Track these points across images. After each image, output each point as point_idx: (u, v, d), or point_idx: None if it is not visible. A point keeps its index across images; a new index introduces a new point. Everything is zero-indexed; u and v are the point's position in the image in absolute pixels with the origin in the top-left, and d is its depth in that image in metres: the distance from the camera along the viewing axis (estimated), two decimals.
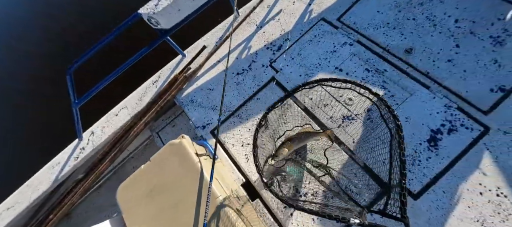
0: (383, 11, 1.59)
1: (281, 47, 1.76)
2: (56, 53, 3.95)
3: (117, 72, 1.69)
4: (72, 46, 3.93)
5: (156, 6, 1.43)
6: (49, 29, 4.29)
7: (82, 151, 1.93)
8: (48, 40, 4.18)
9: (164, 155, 1.19)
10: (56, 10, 4.46)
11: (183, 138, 1.21)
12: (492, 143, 1.14)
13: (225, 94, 1.74)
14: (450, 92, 1.28)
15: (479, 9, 1.39)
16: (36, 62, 4.07)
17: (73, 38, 4.01)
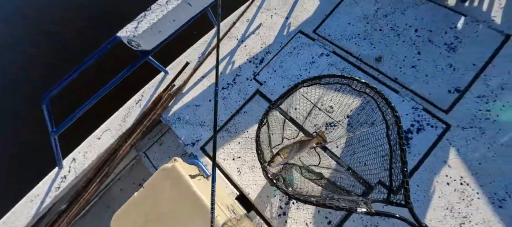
0: (353, 23, 1.73)
1: (263, 60, 1.83)
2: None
3: (97, 96, 1.64)
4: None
5: (136, 29, 1.43)
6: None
7: (63, 180, 1.84)
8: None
9: (157, 180, 1.20)
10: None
11: (175, 161, 1.22)
12: (453, 138, 1.31)
13: (212, 109, 1.78)
14: (416, 95, 1.44)
15: (434, 19, 1.59)
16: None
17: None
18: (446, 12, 1.59)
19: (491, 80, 1.37)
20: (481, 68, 1.40)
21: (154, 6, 1.45)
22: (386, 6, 1.72)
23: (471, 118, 1.33)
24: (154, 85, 2.01)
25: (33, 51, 3.67)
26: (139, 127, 1.90)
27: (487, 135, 1.28)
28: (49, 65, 3.48)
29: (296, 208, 1.39)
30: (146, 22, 1.43)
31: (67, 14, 3.77)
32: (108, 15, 3.60)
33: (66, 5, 3.87)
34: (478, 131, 1.30)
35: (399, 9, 1.68)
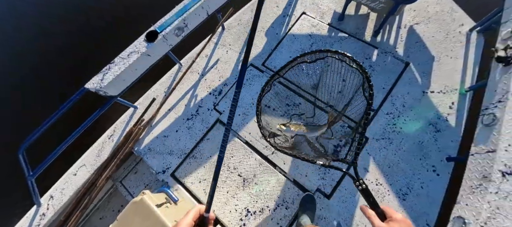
0: (293, 56, 2.05)
1: (222, 91, 2.10)
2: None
3: (71, 138, 1.82)
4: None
5: (102, 81, 1.65)
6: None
7: (42, 218, 1.97)
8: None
9: (129, 213, 1.41)
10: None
11: (144, 194, 1.44)
12: (370, 148, 1.65)
13: (179, 139, 2.01)
14: (343, 116, 1.78)
15: (354, 52, 1.95)
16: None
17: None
18: (363, 45, 1.96)
19: (396, 100, 1.74)
20: (389, 90, 1.77)
21: (117, 60, 1.68)
22: (318, 41, 2.07)
23: (383, 131, 1.68)
24: (125, 120, 2.21)
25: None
26: (113, 160, 2.09)
27: (394, 144, 1.63)
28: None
29: (254, 219, 1.66)
30: (111, 74, 1.65)
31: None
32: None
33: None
34: (387, 141, 1.65)
35: (328, 44, 2.03)
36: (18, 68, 3.76)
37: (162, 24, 1.78)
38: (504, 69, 1.17)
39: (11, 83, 3.68)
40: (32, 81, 3.60)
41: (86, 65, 3.44)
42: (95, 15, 3.83)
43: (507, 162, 0.96)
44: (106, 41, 3.59)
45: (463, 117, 1.60)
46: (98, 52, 3.50)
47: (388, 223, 0.60)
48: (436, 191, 1.46)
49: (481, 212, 0.90)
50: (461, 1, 1.98)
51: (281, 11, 2.33)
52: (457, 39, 1.85)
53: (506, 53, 1.17)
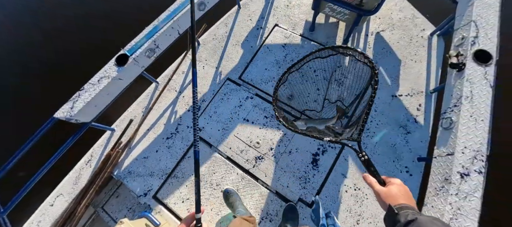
0: (269, 68, 2.10)
1: (200, 107, 2.10)
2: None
3: (43, 169, 1.74)
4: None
5: (72, 109, 1.60)
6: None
7: None
8: None
9: None
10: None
11: (121, 224, 1.40)
12: (347, 154, 1.70)
13: (160, 159, 1.98)
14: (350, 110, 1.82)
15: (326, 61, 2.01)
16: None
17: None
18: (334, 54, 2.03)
19: None
20: (361, 97, 1.83)
21: (87, 86, 1.64)
22: (292, 52, 2.12)
23: None
24: (102, 144, 2.15)
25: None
26: (92, 187, 2.01)
27: (368, 148, 1.69)
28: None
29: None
30: (81, 102, 1.61)
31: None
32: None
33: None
34: (362, 146, 1.70)
35: (302, 54, 2.09)
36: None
37: (132, 47, 1.77)
38: (458, 75, 1.25)
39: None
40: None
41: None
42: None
43: (464, 163, 1.02)
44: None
45: (430, 118, 1.69)
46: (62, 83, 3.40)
47: (388, 187, 0.66)
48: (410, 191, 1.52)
49: (444, 214, 0.94)
50: (421, 8, 2.11)
51: (255, 23, 2.37)
52: (420, 43, 1.96)
53: (458, 59, 1.26)
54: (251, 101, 2.02)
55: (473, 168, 1.00)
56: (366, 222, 1.52)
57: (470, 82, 1.19)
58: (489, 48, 1.25)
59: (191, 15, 0.94)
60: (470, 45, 1.29)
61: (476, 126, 1.09)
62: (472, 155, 1.03)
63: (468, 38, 1.32)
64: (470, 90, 1.17)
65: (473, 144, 1.05)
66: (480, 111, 1.12)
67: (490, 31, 1.30)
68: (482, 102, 1.14)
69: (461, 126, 1.11)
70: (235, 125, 1.96)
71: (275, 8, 2.42)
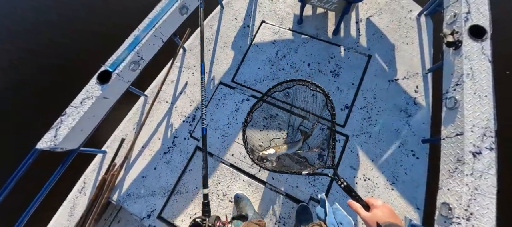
0: (261, 67, 2.04)
1: (195, 117, 2.01)
2: None
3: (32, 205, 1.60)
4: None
5: (55, 137, 1.46)
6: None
7: None
8: None
9: None
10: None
11: None
12: (352, 145, 1.68)
13: (159, 176, 1.88)
14: (320, 118, 1.79)
15: (319, 53, 1.98)
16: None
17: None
18: (326, 45, 2.00)
19: (366, 93, 1.80)
20: (358, 85, 1.82)
21: (69, 110, 1.51)
22: (283, 48, 2.07)
23: (360, 126, 1.72)
24: (95, 169, 2.01)
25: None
26: (90, 216, 1.88)
27: (373, 137, 1.68)
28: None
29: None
30: (65, 128, 1.47)
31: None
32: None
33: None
34: (366, 135, 1.69)
35: (293, 49, 2.04)
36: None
37: (113, 61, 1.64)
38: (456, 53, 1.25)
39: None
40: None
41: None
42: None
43: (475, 142, 1.01)
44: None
45: (429, 98, 1.70)
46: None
47: (372, 211, 0.69)
48: (419, 174, 1.52)
49: (462, 196, 0.94)
50: None
51: (241, 22, 2.29)
52: (409, 25, 1.97)
53: (453, 37, 1.25)
54: (247, 103, 1.95)
55: (484, 146, 1.00)
56: None
57: (469, 59, 1.19)
58: (483, 23, 1.25)
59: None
60: (464, 21, 1.29)
61: (481, 103, 1.09)
62: (481, 132, 1.03)
63: (461, 15, 1.32)
64: (470, 67, 1.17)
65: (480, 121, 1.05)
66: (483, 88, 1.12)
67: (481, 5, 1.30)
68: (483, 78, 1.14)
69: (466, 104, 1.11)
70: (235, 130, 1.89)
71: (260, 4, 2.35)
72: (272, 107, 1.84)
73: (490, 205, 0.89)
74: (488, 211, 0.88)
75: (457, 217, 0.90)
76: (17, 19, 3.87)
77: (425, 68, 1.79)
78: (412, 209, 1.44)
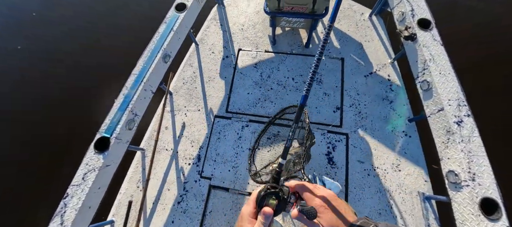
0: (251, 92, 2.14)
1: (200, 156, 2.01)
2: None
3: None
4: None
5: (63, 224, 1.35)
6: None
7: None
8: None
9: None
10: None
11: None
12: (354, 141, 1.85)
13: None
14: (319, 124, 1.94)
15: (299, 66, 2.18)
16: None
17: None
18: (303, 57, 2.21)
19: (350, 91, 2.01)
20: (341, 87, 2.03)
21: (71, 190, 1.41)
22: (265, 69, 2.22)
23: (355, 122, 1.91)
24: None
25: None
26: None
27: (368, 129, 1.88)
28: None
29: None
30: (71, 211, 1.37)
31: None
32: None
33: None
34: (362, 129, 1.88)
35: (274, 68, 2.20)
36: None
37: (108, 126, 1.60)
38: (414, 44, 1.52)
39: None
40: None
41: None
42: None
43: (454, 113, 1.24)
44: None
45: (401, 81, 1.98)
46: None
47: (323, 214, 0.52)
48: (415, 150, 1.74)
49: (462, 161, 1.13)
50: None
51: (219, 55, 2.39)
52: (365, 25, 2.29)
53: (408, 32, 1.52)
54: (247, 129, 2.03)
55: (462, 114, 1.22)
56: (396, 193, 1.67)
57: (426, 47, 1.45)
58: (426, 15, 1.55)
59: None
60: (411, 17, 1.58)
61: (447, 80, 1.33)
62: (456, 103, 1.26)
63: (407, 13, 1.61)
64: (429, 53, 1.43)
65: (452, 94, 1.29)
66: (444, 67, 1.37)
67: (419, 2, 1.61)
68: (442, 59, 1.40)
69: (436, 83, 1.35)
70: (243, 159, 1.94)
71: (232, 34, 2.49)
72: (272, 127, 1.94)
73: (485, 161, 1.10)
74: (485, 168, 1.08)
75: (464, 180, 1.08)
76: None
77: (390, 58, 2.08)
78: (422, 182, 1.64)
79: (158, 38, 1.84)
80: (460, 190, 1.11)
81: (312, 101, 2.03)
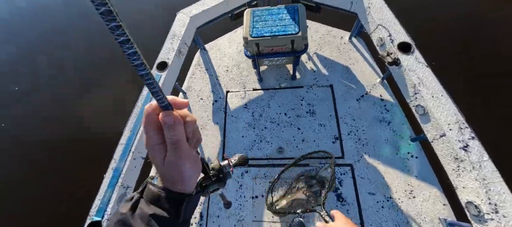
0: (245, 134, 2.08)
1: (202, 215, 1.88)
2: None
3: None
4: None
5: None
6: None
7: None
8: None
9: None
10: None
11: None
12: (359, 172, 1.76)
13: None
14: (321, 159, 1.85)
15: (289, 100, 2.14)
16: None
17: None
18: (291, 90, 2.19)
19: (345, 118, 1.96)
20: (335, 115, 1.99)
21: None
22: (256, 108, 2.17)
23: (356, 150, 1.83)
24: None
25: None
26: None
27: (371, 156, 1.80)
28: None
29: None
30: None
31: None
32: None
33: None
34: (365, 156, 1.80)
35: (265, 105, 2.16)
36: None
37: (99, 207, 1.48)
38: (399, 69, 1.50)
39: None
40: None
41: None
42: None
43: (458, 137, 1.18)
44: None
45: (395, 100, 1.94)
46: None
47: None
48: (425, 171, 1.65)
49: (478, 190, 1.05)
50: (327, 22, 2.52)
51: (208, 100, 2.36)
52: (347, 48, 2.30)
53: (391, 57, 1.51)
54: (247, 175, 1.93)
55: (466, 138, 1.16)
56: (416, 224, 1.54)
57: (412, 71, 1.43)
58: (404, 39, 1.55)
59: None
60: (390, 43, 1.58)
61: (441, 102, 1.29)
62: (457, 127, 1.20)
63: (385, 39, 1.61)
64: (416, 76, 1.40)
65: (450, 117, 1.24)
66: (435, 90, 1.34)
67: (395, 27, 1.62)
68: (431, 80, 1.37)
69: (431, 108, 1.30)
70: (248, 209, 1.81)
71: (218, 77, 2.48)
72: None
73: (503, 188, 1.02)
74: (506, 195, 1.00)
75: (487, 213, 1.00)
76: None
77: (379, 77, 2.07)
78: (440, 207, 1.53)
79: (142, 102, 1.80)
80: (485, 223, 1.01)
81: (308, 134, 1.96)
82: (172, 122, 0.36)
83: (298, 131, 2.00)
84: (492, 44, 3.00)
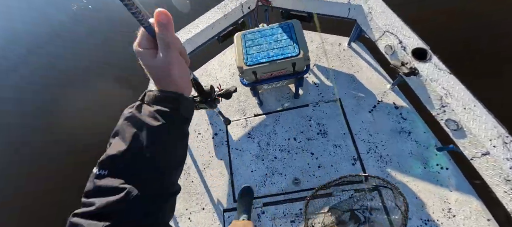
0: (254, 168, 1.89)
1: None
2: None
3: None
4: None
5: None
6: None
7: None
8: None
9: None
10: None
11: None
12: (387, 196, 1.59)
13: None
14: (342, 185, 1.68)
15: (296, 122, 1.96)
16: None
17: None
18: (297, 110, 2.01)
19: (361, 134, 1.80)
20: (349, 132, 1.82)
21: None
22: (261, 136, 1.99)
23: (380, 170, 1.66)
24: None
25: None
26: None
27: (398, 173, 1.63)
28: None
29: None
30: None
31: None
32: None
33: None
34: (391, 173, 1.63)
35: (271, 132, 1.98)
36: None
37: None
38: (418, 79, 1.34)
39: None
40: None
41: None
42: None
43: (504, 155, 1.02)
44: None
45: (411, 106, 1.78)
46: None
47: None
48: (460, 183, 1.49)
49: None
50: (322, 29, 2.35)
51: (207, 134, 2.16)
52: (347, 55, 2.15)
53: (406, 67, 1.35)
54: (264, 216, 1.74)
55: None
56: None
57: (434, 80, 1.27)
58: (418, 44, 1.40)
59: None
60: (403, 50, 1.42)
61: (476, 114, 1.14)
62: (501, 142, 1.05)
63: (396, 46, 1.45)
64: (441, 87, 1.24)
65: (490, 131, 1.09)
66: (465, 100, 1.18)
67: (404, 32, 1.46)
68: (458, 89, 1.22)
69: (465, 122, 1.14)
70: None
71: None
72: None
73: None
74: None
75: None
76: None
77: (388, 82, 1.91)
78: (485, 223, 1.37)
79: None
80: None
81: (324, 159, 1.79)
82: (165, 21, 0.40)
83: (312, 156, 1.82)
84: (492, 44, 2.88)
